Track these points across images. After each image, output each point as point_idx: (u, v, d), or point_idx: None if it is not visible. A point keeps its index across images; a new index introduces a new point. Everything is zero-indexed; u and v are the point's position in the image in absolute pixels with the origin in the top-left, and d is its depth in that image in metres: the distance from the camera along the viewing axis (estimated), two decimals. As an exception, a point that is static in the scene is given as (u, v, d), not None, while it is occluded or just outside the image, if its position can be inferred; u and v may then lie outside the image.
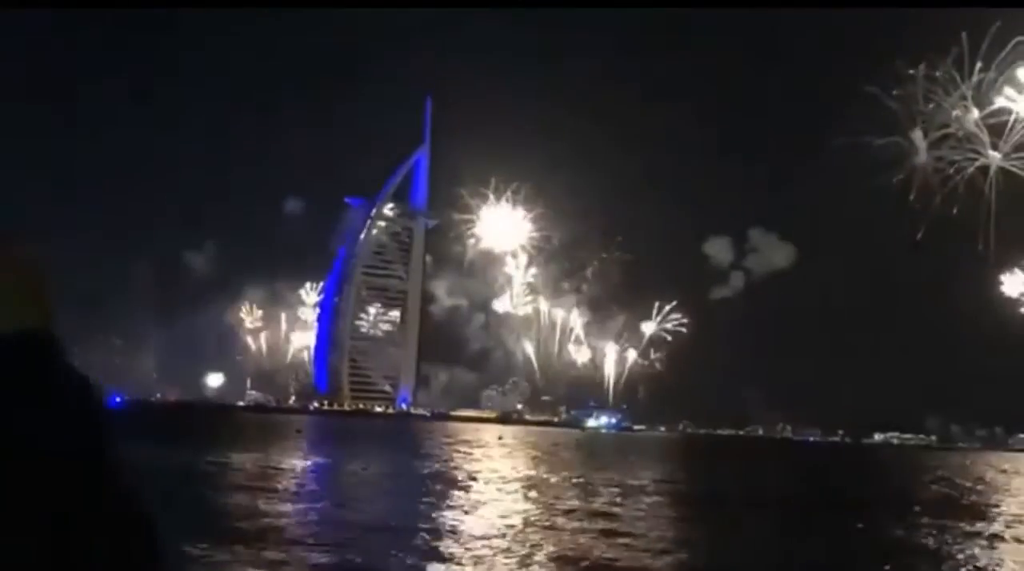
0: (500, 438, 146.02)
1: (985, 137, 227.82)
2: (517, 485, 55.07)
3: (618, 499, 49.64)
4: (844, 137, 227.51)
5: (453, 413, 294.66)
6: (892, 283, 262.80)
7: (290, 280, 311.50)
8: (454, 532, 33.06)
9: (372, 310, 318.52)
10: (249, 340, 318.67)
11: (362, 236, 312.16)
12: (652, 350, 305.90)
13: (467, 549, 29.33)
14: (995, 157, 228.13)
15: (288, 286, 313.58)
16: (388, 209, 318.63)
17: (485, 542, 30.81)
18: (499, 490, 50.88)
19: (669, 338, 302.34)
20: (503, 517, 38.08)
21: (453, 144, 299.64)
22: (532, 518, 38.35)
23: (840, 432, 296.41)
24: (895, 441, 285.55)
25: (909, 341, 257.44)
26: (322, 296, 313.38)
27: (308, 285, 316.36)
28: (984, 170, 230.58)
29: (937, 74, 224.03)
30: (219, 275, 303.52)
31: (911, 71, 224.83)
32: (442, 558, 27.78)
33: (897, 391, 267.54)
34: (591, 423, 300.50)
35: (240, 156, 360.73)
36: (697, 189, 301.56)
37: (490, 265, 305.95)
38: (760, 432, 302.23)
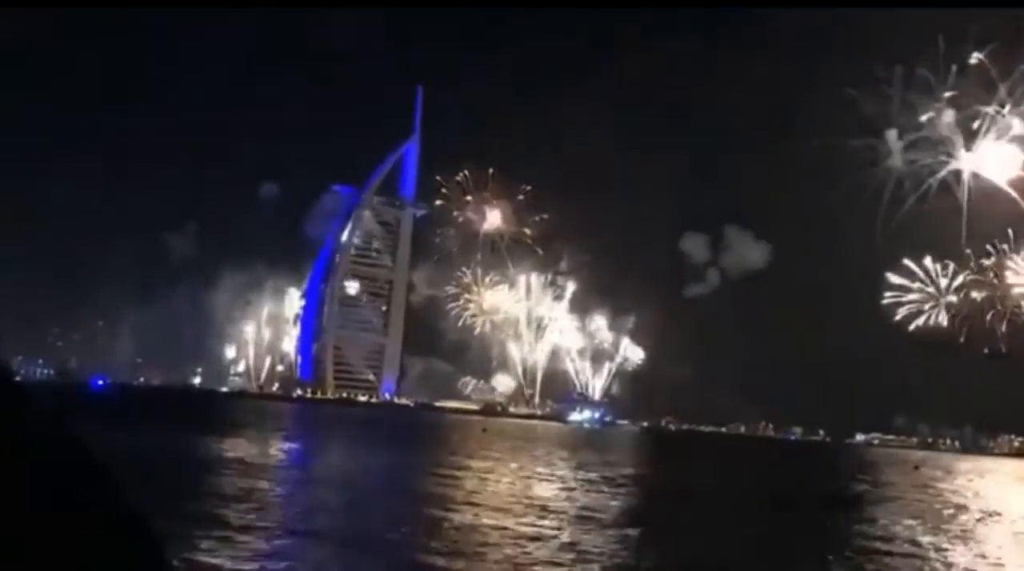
0: (484, 431, 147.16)
1: (959, 140, 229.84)
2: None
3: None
4: (821, 137, 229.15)
5: (437, 404, 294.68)
6: (867, 283, 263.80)
7: (275, 266, 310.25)
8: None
9: (357, 299, 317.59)
10: (233, 326, 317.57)
11: (349, 224, 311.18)
12: (631, 345, 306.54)
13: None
14: (967, 160, 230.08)
15: (273, 272, 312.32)
16: (376, 198, 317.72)
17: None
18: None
19: (648, 339, 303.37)
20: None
21: (443, 134, 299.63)
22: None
23: (821, 432, 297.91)
24: (875, 442, 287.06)
25: (881, 342, 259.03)
26: (308, 283, 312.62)
27: (293, 272, 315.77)
28: (957, 173, 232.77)
29: (913, 77, 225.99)
30: (203, 260, 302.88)
31: (887, 73, 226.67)
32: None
33: (870, 391, 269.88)
34: (574, 417, 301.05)
35: (226, 141, 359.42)
36: (674, 185, 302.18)
37: (470, 256, 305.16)
38: (742, 430, 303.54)
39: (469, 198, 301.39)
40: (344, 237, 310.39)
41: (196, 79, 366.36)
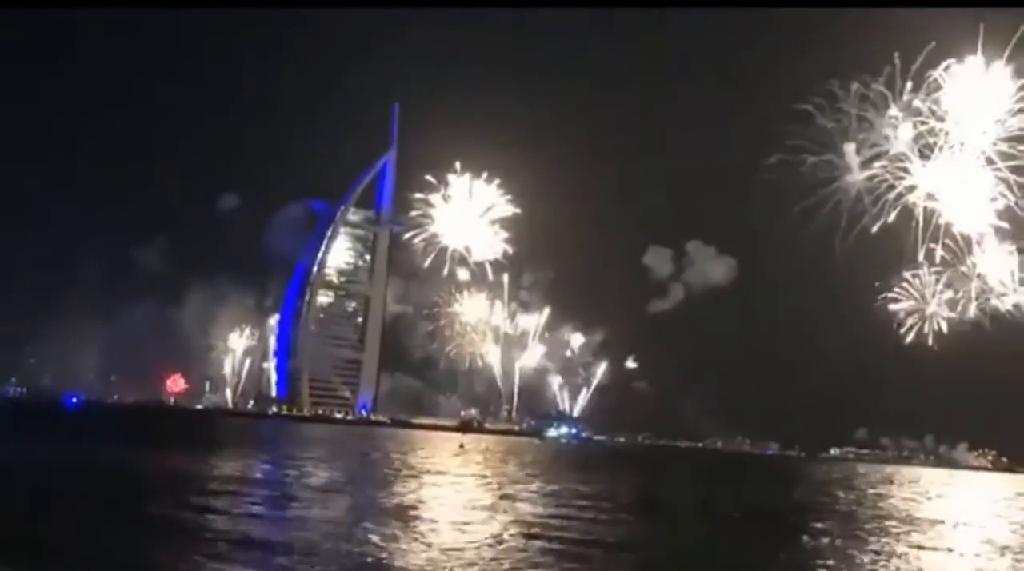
0: (462, 446, 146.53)
1: (915, 156, 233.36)
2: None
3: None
4: (780, 153, 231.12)
5: (414, 420, 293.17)
6: (826, 299, 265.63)
7: (248, 281, 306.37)
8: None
9: (333, 315, 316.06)
10: (207, 343, 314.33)
11: (325, 239, 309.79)
12: (602, 360, 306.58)
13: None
14: (923, 176, 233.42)
15: (247, 287, 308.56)
16: (353, 213, 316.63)
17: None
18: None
19: (620, 354, 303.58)
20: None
21: (419, 151, 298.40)
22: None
23: (796, 447, 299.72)
24: (850, 456, 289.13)
25: (845, 356, 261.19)
26: (283, 299, 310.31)
27: (267, 287, 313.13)
28: (913, 189, 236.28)
29: (870, 93, 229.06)
30: (177, 276, 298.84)
31: (844, 90, 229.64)
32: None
33: (834, 404, 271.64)
34: (551, 433, 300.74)
35: (198, 155, 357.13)
36: (637, 200, 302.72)
37: (443, 272, 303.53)
38: (719, 445, 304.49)
39: (438, 214, 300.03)
40: (320, 252, 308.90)
41: (167, 90, 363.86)
